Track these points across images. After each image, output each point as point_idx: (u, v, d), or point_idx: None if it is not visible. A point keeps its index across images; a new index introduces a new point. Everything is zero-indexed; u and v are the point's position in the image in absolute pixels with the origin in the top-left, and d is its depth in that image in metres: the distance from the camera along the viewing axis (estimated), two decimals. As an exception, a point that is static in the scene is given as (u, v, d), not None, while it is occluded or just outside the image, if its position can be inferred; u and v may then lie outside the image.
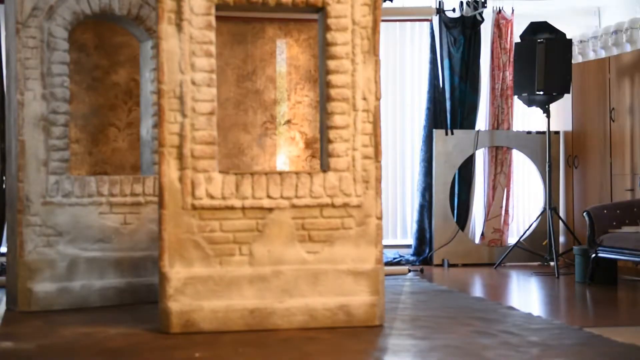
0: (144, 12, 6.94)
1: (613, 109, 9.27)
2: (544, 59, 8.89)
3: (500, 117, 10.09)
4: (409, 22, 10.31)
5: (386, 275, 5.55)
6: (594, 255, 7.93)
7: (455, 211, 9.95)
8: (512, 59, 9.92)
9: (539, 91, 9.04)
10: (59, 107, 6.60)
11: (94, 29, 7.74)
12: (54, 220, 6.60)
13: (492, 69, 10.10)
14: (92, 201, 6.72)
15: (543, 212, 9.52)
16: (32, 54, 6.54)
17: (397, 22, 10.25)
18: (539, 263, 9.69)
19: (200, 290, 5.56)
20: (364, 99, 5.77)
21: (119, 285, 6.73)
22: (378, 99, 5.81)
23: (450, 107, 9.96)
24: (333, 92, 5.74)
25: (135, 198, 6.84)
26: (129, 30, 7.21)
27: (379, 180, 5.79)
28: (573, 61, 9.49)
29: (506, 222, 10.10)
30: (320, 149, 5.83)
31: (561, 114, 10.01)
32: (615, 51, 9.61)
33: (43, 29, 6.55)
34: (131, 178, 6.87)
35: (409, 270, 8.88)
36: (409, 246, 10.15)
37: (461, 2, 9.99)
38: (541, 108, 9.27)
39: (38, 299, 6.47)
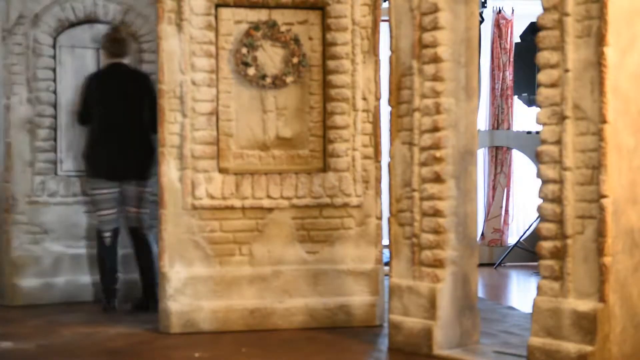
0: (129, 18, 7.05)
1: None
2: (544, 59, 8.89)
3: (500, 117, 10.09)
4: (409, 22, 10.29)
5: (386, 275, 5.55)
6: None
7: (455, 211, 9.95)
8: (512, 59, 9.91)
9: (539, 91, 9.04)
10: (45, 110, 6.84)
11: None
12: (40, 218, 6.76)
13: (492, 69, 10.10)
14: (77, 200, 6.88)
15: (543, 212, 9.51)
16: (18, 60, 6.74)
17: (397, 22, 10.23)
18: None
19: (200, 290, 5.56)
20: (364, 99, 5.77)
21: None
22: (378, 99, 5.81)
23: (450, 107, 9.96)
24: (333, 92, 5.74)
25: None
26: None
27: (379, 180, 5.79)
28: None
29: (506, 222, 10.10)
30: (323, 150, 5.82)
31: (561, 114, 10.00)
32: (615, 51, 9.60)
33: (28, 36, 6.74)
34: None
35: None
36: (409, 246, 10.13)
37: (461, 2, 9.98)
38: (541, 108, 9.27)
39: (23, 294, 6.65)
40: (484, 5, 9.87)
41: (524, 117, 10.49)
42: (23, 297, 6.64)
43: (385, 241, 5.48)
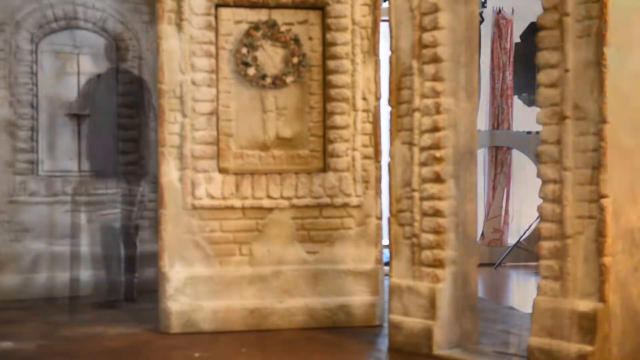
0: (109, 24, 7.28)
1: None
2: (544, 59, 8.89)
3: (500, 117, 10.09)
4: (409, 22, 10.28)
5: (386, 275, 5.55)
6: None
7: (455, 211, 9.95)
8: (512, 59, 9.91)
9: (539, 91, 9.04)
10: (26, 113, 7.06)
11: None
12: (21, 217, 6.94)
13: (492, 69, 10.10)
14: (57, 200, 7.11)
15: (543, 212, 9.50)
16: (0, 65, 6.94)
17: (397, 22, 10.22)
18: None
19: (200, 290, 5.56)
20: (364, 99, 5.77)
21: (82, 278, 7.09)
22: (378, 99, 5.81)
23: (450, 107, 9.96)
24: (333, 92, 5.74)
25: (98, 197, 7.12)
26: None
27: (379, 180, 5.79)
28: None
29: (506, 222, 10.10)
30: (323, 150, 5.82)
31: (561, 114, 10.00)
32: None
33: (10, 42, 6.96)
34: (95, 178, 7.17)
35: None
36: (409, 246, 10.13)
37: (461, 2, 9.98)
38: (541, 108, 9.26)
39: (3, 289, 6.86)
40: (484, 5, 9.87)
41: (524, 117, 10.48)
42: (4, 292, 6.85)
43: (385, 241, 5.48)
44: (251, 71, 5.68)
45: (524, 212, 10.55)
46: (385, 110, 5.34)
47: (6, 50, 6.93)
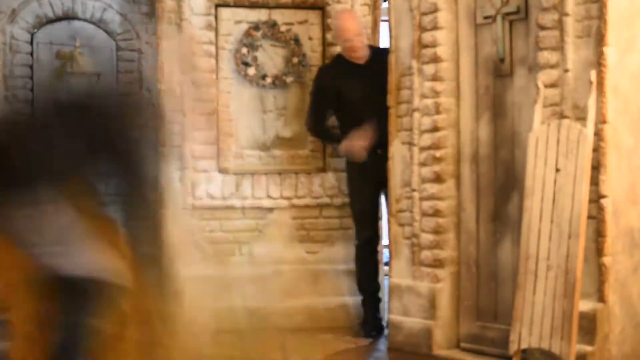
0: (108, 16, 7.05)
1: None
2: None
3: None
4: (409, 22, 10.27)
5: (386, 275, 5.55)
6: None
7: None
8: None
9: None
10: (21, 108, 6.77)
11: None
12: None
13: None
14: None
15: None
16: None
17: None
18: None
19: (200, 290, 5.55)
20: (364, 98, 5.76)
21: None
22: (378, 99, 5.80)
23: (450, 107, 9.95)
24: (333, 92, 5.74)
25: None
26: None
27: (379, 180, 5.79)
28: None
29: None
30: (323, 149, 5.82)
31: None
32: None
33: (5, 32, 6.71)
34: None
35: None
36: (409, 246, 10.11)
37: (461, 2, 9.97)
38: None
39: None
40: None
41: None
42: None
43: (385, 241, 5.48)
44: (251, 71, 5.68)
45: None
46: (385, 110, 5.33)
47: (1, 41, 6.66)
